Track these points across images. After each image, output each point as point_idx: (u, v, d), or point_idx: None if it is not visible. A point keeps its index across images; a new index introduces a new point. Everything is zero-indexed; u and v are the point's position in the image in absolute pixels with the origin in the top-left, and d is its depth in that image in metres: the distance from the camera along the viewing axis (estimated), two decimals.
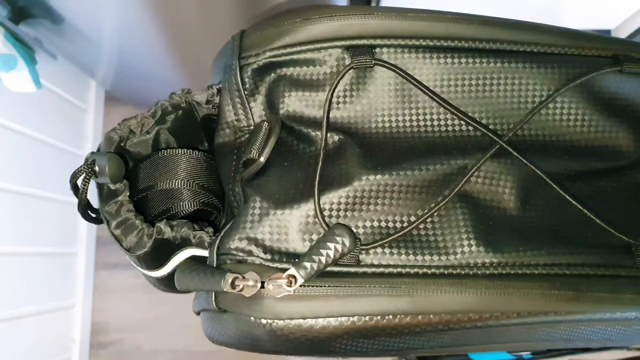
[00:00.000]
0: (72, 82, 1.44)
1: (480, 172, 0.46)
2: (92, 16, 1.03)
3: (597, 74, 0.48)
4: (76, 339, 1.46)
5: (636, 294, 0.43)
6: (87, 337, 1.51)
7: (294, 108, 0.48)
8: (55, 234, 1.34)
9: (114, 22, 1.05)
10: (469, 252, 0.44)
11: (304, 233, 0.43)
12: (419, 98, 0.48)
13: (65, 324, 1.43)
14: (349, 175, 0.44)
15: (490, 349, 0.51)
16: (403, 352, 0.46)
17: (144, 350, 1.52)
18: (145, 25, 1.02)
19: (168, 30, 1.03)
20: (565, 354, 1.09)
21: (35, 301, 1.29)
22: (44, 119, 1.28)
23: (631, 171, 0.50)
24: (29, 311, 1.26)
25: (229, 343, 0.44)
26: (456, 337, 0.45)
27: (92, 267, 1.51)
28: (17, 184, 1.17)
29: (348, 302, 0.41)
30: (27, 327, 1.25)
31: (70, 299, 1.44)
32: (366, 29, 0.47)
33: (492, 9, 1.39)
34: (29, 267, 1.26)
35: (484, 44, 0.48)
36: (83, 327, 1.48)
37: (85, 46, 1.18)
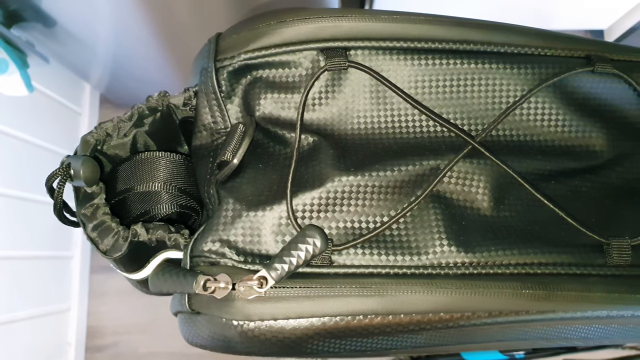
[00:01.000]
0: (66, 86, 1.44)
1: (453, 172, 0.46)
2: (85, 19, 1.04)
3: (570, 74, 0.48)
4: (72, 343, 1.47)
5: (606, 293, 0.44)
6: (83, 340, 1.51)
7: (269, 110, 0.49)
8: (49, 238, 1.35)
9: (108, 25, 1.06)
10: (441, 252, 0.44)
11: (277, 235, 0.43)
12: (393, 100, 0.49)
13: (61, 327, 1.44)
14: (322, 177, 0.45)
15: (468, 349, 0.52)
16: (378, 353, 0.46)
17: (140, 353, 1.52)
18: (140, 27, 1.02)
19: (163, 32, 1.03)
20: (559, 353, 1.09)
21: (30, 305, 1.29)
22: (38, 122, 1.29)
23: (605, 171, 0.50)
24: (24, 315, 1.27)
25: (204, 345, 0.44)
26: (430, 337, 0.45)
27: (87, 270, 1.51)
28: (12, 188, 1.17)
29: (318, 303, 0.41)
30: (22, 332, 1.26)
31: (66, 302, 1.45)
32: (340, 31, 0.48)
33: (484, 11, 1.40)
34: (24, 271, 1.26)
35: (457, 45, 0.48)
36: (79, 330, 1.48)
37: (78, 49, 1.18)
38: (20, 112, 1.22)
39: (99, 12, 1.00)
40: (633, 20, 1.45)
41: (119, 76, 1.36)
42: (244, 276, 0.41)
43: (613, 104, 0.50)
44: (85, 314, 1.51)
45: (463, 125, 0.49)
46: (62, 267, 1.43)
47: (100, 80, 1.45)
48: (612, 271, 0.45)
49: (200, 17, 0.97)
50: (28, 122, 1.25)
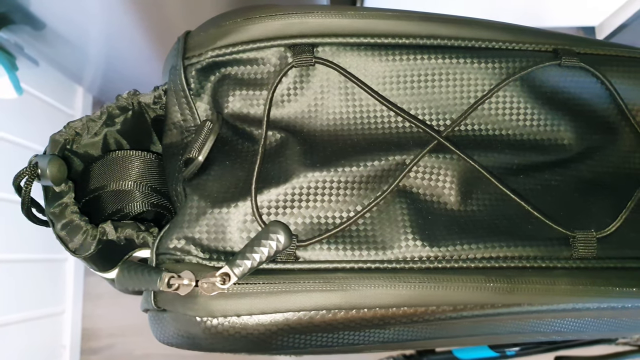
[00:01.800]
0: (59, 88, 1.45)
1: (419, 167, 0.46)
2: (75, 21, 1.04)
3: (537, 68, 0.48)
4: (67, 346, 1.47)
5: (571, 285, 0.44)
6: (78, 343, 1.51)
7: (238, 107, 0.49)
8: (44, 240, 1.35)
9: (99, 27, 1.06)
10: (406, 247, 0.44)
11: (243, 231, 0.43)
12: (362, 96, 0.49)
13: (56, 330, 1.44)
14: (287, 173, 0.45)
15: (442, 344, 0.51)
16: (347, 348, 0.47)
17: (135, 355, 1.52)
18: (132, 30, 1.02)
19: (155, 34, 1.03)
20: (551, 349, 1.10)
21: (25, 308, 1.30)
22: (30, 125, 1.29)
23: (576, 164, 0.50)
24: (19, 318, 1.27)
25: (171, 342, 0.45)
26: (398, 332, 0.46)
27: (81, 272, 1.52)
28: (4, 191, 1.17)
29: (281, 299, 0.41)
30: (17, 335, 1.26)
31: (60, 305, 1.45)
32: (307, 28, 0.48)
33: (474, 9, 1.40)
34: (19, 273, 1.26)
35: (424, 40, 0.48)
36: (73, 333, 1.48)
37: (69, 52, 1.18)
38: (11, 115, 1.22)
39: (89, 14, 1.01)
40: (623, 17, 1.45)
41: (112, 78, 1.36)
42: (208, 273, 0.41)
43: (581, 97, 0.50)
44: (80, 316, 1.52)
45: (431, 120, 0.49)
46: (57, 270, 1.43)
47: (93, 83, 1.45)
48: (577, 264, 0.45)
49: (193, 19, 0.97)
50: (20, 125, 1.25)
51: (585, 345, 1.07)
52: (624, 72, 0.50)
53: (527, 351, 1.09)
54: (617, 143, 0.52)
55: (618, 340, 1.08)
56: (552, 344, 1.07)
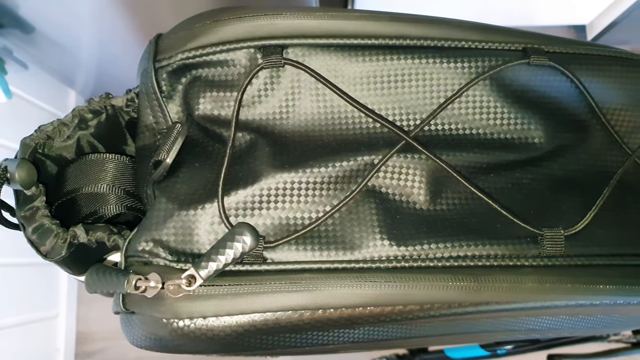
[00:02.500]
0: (50, 92, 1.45)
1: (388, 167, 0.46)
2: (65, 25, 1.04)
3: (506, 67, 0.48)
4: (61, 349, 1.47)
5: (538, 283, 0.44)
6: (72, 346, 1.51)
7: (209, 108, 0.49)
8: None
9: (89, 31, 1.06)
10: (374, 246, 0.44)
11: (210, 233, 0.44)
12: (332, 97, 0.49)
13: (50, 333, 1.44)
14: (255, 174, 0.45)
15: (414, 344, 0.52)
16: (318, 349, 0.47)
17: (129, 357, 1.52)
18: (123, 33, 1.02)
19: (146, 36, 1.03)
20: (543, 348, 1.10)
21: (18, 312, 1.30)
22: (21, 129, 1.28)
23: (547, 162, 0.50)
24: (12, 322, 1.27)
25: (141, 345, 0.45)
26: (368, 332, 0.46)
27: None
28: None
29: (247, 300, 0.42)
30: (10, 338, 1.26)
31: (54, 308, 1.45)
32: (276, 29, 0.48)
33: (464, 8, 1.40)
34: (11, 277, 1.26)
35: (393, 40, 0.48)
36: (67, 336, 1.49)
37: (59, 55, 1.19)
38: (1, 119, 1.22)
39: (79, 17, 1.01)
40: (613, 15, 1.45)
41: (104, 81, 1.37)
42: (175, 275, 0.41)
43: (552, 95, 0.50)
44: (74, 319, 1.52)
45: (402, 121, 0.49)
46: (50, 273, 1.43)
47: (85, 86, 1.45)
48: (545, 262, 0.45)
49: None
50: (10, 128, 1.25)
51: (577, 343, 1.07)
52: (594, 70, 0.50)
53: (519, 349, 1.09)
54: (589, 141, 0.52)
55: (610, 338, 1.08)
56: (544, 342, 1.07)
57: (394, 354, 1.27)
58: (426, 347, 1.20)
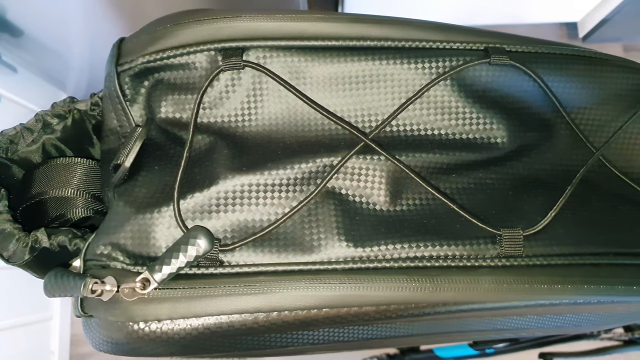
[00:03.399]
0: (42, 95, 1.45)
1: (347, 168, 0.46)
2: (54, 28, 1.04)
3: (466, 66, 0.48)
4: (55, 352, 1.47)
5: (495, 284, 0.43)
6: (67, 349, 1.52)
7: (171, 112, 0.49)
8: None
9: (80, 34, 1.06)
10: (332, 248, 0.44)
11: (167, 237, 0.44)
12: (295, 99, 0.49)
13: (44, 336, 1.44)
14: (212, 177, 0.45)
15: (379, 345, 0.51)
16: (278, 351, 0.47)
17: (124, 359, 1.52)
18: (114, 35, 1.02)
19: None
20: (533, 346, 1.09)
21: (12, 314, 1.30)
22: None
23: (512, 162, 0.50)
24: (6, 324, 1.27)
25: (100, 348, 0.45)
26: (327, 333, 0.46)
27: None
28: None
29: (200, 303, 0.42)
30: (4, 341, 1.26)
31: (48, 310, 1.46)
32: (236, 32, 0.48)
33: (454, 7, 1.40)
34: (5, 279, 1.27)
35: (354, 42, 0.48)
36: (62, 339, 1.49)
37: (50, 58, 1.19)
38: None
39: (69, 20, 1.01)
40: (604, 12, 1.45)
41: (96, 84, 1.37)
42: (130, 278, 0.42)
43: (514, 95, 0.50)
44: (68, 321, 1.52)
45: (363, 122, 0.49)
46: None
47: (77, 88, 1.45)
48: (503, 262, 0.45)
49: None
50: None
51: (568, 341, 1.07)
52: (556, 69, 0.50)
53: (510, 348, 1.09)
54: (554, 140, 0.52)
55: (601, 336, 1.08)
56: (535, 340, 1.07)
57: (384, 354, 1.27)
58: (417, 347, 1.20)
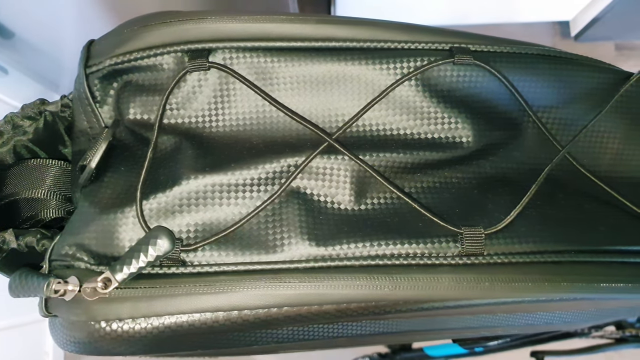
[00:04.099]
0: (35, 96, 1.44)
1: (312, 168, 0.47)
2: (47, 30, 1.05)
3: (430, 66, 0.48)
4: (49, 352, 1.48)
5: (455, 282, 0.44)
6: (61, 350, 1.52)
7: (139, 113, 0.49)
8: None
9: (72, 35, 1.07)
10: (295, 247, 0.44)
11: (130, 237, 0.44)
12: (260, 99, 0.49)
13: (38, 336, 1.45)
14: (176, 177, 0.45)
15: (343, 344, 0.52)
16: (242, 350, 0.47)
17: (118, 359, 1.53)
18: None
19: None
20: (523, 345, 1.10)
21: (6, 315, 1.30)
22: None
23: (478, 160, 0.50)
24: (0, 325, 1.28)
25: (65, 348, 0.45)
26: (290, 332, 0.46)
27: None
28: None
29: (161, 303, 0.42)
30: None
31: None
32: (203, 33, 0.48)
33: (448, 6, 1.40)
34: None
35: (320, 42, 0.49)
36: None
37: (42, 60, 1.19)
38: None
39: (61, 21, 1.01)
40: (595, 11, 1.44)
41: None
42: (94, 278, 0.42)
43: (480, 94, 0.50)
44: None
45: (330, 122, 0.49)
46: None
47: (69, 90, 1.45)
48: (464, 260, 0.45)
49: None
50: None
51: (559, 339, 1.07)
52: (522, 68, 0.50)
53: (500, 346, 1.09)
54: (521, 139, 0.52)
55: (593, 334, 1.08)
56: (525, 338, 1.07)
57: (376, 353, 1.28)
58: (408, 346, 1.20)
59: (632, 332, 1.08)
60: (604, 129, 0.54)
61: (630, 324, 1.08)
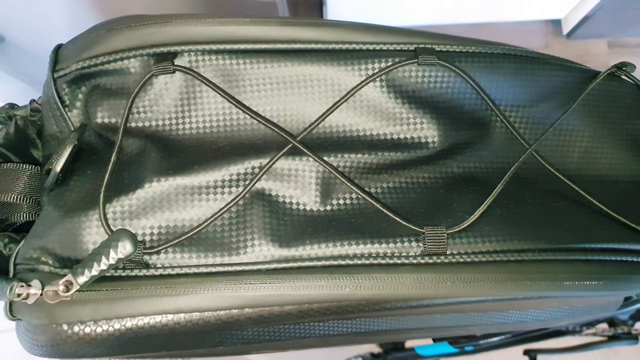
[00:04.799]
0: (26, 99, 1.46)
1: (277, 170, 0.47)
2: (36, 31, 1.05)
3: (395, 67, 0.48)
4: None
5: (416, 282, 0.44)
6: None
7: (107, 116, 0.50)
8: None
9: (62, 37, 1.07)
10: (259, 249, 0.44)
11: (94, 240, 0.44)
12: (226, 102, 0.49)
13: None
14: (139, 180, 0.46)
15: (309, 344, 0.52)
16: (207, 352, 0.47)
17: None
18: None
19: None
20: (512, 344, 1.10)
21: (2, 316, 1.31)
22: None
23: (445, 160, 0.50)
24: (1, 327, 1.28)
25: (30, 351, 0.45)
26: (253, 333, 0.46)
27: None
28: None
29: (122, 305, 0.42)
30: None
31: None
32: (168, 36, 0.48)
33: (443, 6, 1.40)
34: None
35: (285, 44, 0.49)
36: None
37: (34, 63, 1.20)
38: None
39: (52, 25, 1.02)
40: (587, 9, 1.44)
41: None
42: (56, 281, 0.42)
43: (445, 94, 0.50)
44: None
45: (297, 123, 0.49)
46: None
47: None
48: (426, 260, 0.45)
49: None
50: None
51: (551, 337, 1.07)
52: (488, 68, 0.50)
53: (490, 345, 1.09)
54: (489, 138, 0.52)
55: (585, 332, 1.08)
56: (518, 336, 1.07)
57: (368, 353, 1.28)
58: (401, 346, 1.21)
59: (624, 330, 1.07)
60: (572, 127, 0.54)
61: (622, 321, 1.08)
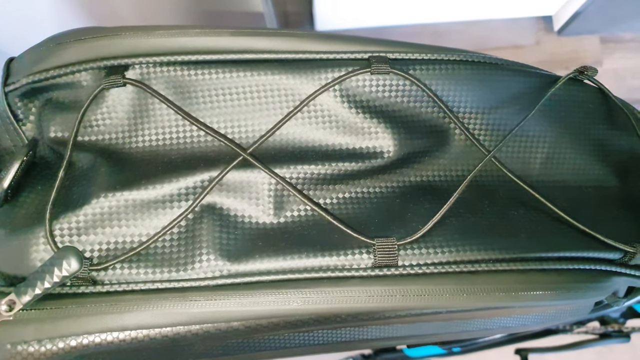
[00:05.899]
0: None
1: (229, 183, 0.46)
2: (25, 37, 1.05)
3: (348, 76, 0.48)
4: None
5: (365, 295, 0.43)
6: None
7: (60, 130, 0.49)
8: None
9: None
10: (207, 264, 0.44)
11: (41, 257, 0.44)
12: (178, 114, 0.49)
13: None
14: (86, 196, 0.45)
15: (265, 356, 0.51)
16: None
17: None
18: None
19: None
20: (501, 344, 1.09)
21: None
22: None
23: (402, 169, 0.50)
24: None
25: None
26: (205, 348, 0.46)
27: None
28: None
29: (66, 324, 0.42)
30: None
31: None
32: (117, 49, 0.48)
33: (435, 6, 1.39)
34: None
35: (237, 55, 0.48)
36: None
37: None
38: None
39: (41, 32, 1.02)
40: (577, 5, 1.43)
41: None
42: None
43: (401, 102, 0.49)
44: None
45: (248, 134, 0.49)
46: None
47: None
48: (376, 272, 0.44)
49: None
50: None
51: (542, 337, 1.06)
52: (443, 75, 0.49)
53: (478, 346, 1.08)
54: (447, 146, 0.51)
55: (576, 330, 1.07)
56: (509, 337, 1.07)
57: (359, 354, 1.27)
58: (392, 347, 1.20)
59: (614, 328, 1.06)
60: (533, 134, 0.53)
61: (613, 319, 1.07)
